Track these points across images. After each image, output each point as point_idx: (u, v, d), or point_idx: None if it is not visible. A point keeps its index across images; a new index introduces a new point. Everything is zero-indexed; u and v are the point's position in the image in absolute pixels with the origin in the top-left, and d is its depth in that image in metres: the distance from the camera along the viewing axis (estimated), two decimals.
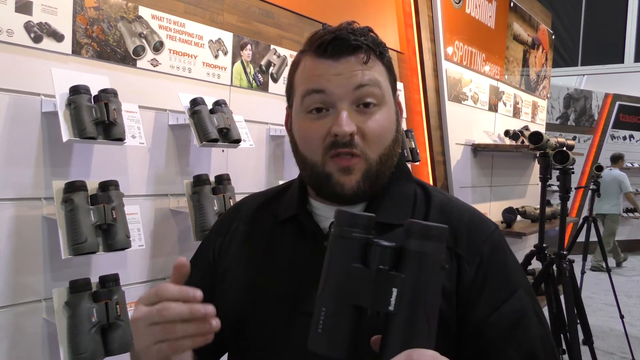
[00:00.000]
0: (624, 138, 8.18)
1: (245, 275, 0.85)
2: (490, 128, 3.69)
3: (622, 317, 3.80)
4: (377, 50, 0.80)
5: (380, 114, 0.78)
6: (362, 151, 0.77)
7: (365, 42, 0.78)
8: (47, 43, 1.38)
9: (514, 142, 3.69)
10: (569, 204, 6.92)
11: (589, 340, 2.71)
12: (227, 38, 1.88)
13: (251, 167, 1.99)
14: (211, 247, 0.92)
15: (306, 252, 0.81)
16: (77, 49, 1.44)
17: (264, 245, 0.85)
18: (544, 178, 2.67)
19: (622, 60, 7.66)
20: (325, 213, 0.84)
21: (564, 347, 2.53)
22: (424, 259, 0.56)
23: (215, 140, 1.63)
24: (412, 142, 2.68)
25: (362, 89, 0.77)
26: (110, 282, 1.40)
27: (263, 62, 2.02)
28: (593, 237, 4.13)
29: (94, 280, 1.41)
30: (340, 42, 0.77)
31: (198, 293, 0.66)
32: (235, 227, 0.90)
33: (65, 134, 1.31)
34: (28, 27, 1.34)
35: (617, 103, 8.05)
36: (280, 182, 1.72)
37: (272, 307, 0.80)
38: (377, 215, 0.79)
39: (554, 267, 2.57)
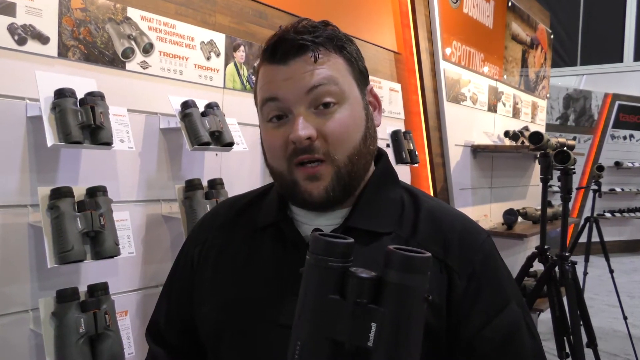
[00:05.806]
0: (624, 138, 8.14)
1: (224, 286, 0.81)
2: (489, 129, 3.65)
3: (625, 318, 3.77)
4: (332, 44, 0.75)
5: (341, 112, 0.74)
6: (327, 154, 0.73)
7: (312, 39, 0.74)
8: (32, 45, 1.34)
9: (514, 143, 3.65)
10: (570, 204, 6.88)
11: (592, 343, 2.66)
12: (220, 39, 1.84)
13: (246, 171, 1.95)
14: (189, 256, 0.88)
15: (287, 262, 0.77)
16: (63, 52, 1.40)
17: (243, 253, 0.82)
18: (545, 179, 2.63)
19: (621, 60, 7.64)
20: (306, 219, 0.80)
21: (568, 350, 2.48)
22: (405, 292, 0.51)
23: (207, 144, 1.59)
24: (411, 144, 2.63)
25: (316, 90, 0.72)
26: (99, 291, 1.36)
27: (257, 64, 1.98)
28: (595, 238, 4.09)
29: (83, 289, 1.37)
30: (285, 44, 0.74)
31: None
32: (213, 235, 0.87)
33: (50, 138, 1.27)
34: (12, 29, 1.30)
35: (617, 103, 8.00)
36: None
37: (251, 320, 0.76)
38: (362, 223, 0.76)
39: (556, 269, 2.53)
